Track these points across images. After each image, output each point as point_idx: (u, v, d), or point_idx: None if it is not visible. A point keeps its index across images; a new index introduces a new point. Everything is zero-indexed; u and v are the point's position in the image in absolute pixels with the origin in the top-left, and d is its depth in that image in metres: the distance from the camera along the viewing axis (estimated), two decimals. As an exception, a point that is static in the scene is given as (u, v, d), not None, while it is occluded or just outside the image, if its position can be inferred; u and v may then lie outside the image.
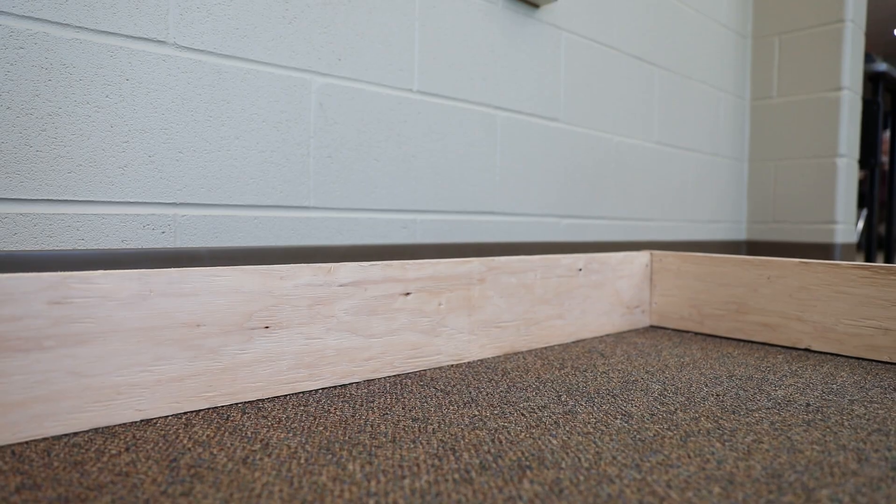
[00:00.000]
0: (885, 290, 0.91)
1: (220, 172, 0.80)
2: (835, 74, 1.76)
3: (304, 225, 0.89)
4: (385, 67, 0.98)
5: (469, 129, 1.10)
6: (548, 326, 0.96)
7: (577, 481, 0.46)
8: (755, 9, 1.93)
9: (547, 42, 1.25)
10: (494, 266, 0.88)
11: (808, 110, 1.81)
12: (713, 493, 0.45)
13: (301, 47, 0.88)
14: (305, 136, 0.89)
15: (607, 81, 1.41)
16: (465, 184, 1.10)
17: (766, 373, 0.82)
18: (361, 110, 0.95)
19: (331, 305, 0.71)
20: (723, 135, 1.83)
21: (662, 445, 0.54)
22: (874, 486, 0.47)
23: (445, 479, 0.46)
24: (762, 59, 1.91)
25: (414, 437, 0.55)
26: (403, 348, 0.78)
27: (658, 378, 0.78)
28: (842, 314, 0.95)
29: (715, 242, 1.82)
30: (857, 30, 1.81)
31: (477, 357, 0.87)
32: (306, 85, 0.88)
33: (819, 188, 1.79)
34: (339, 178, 0.93)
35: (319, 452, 0.51)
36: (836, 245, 1.77)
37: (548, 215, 1.27)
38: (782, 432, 0.58)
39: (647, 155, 1.54)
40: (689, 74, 1.68)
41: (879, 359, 0.91)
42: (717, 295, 1.08)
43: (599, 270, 1.06)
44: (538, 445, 0.54)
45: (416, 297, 0.79)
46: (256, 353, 0.65)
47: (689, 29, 1.67)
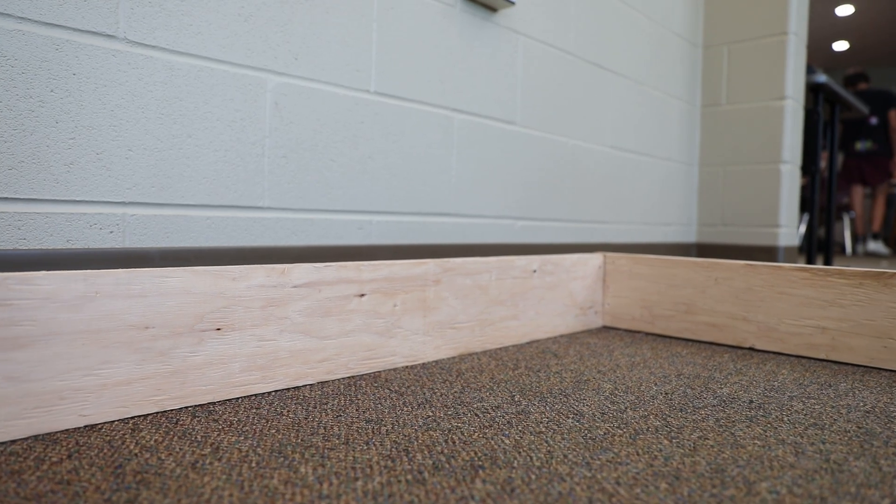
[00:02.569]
0: (823, 291, 0.95)
1: (171, 171, 0.79)
2: (779, 84, 1.83)
3: (258, 225, 0.88)
4: (342, 68, 0.97)
5: (426, 131, 1.11)
6: (502, 327, 0.97)
7: (528, 480, 0.47)
8: (706, 19, 1.99)
9: (504, 46, 1.26)
10: (450, 267, 0.89)
11: (755, 118, 1.87)
12: (660, 489, 0.46)
13: (257, 45, 0.86)
14: (260, 135, 0.88)
15: (564, 86, 1.43)
16: (421, 185, 1.10)
17: (712, 371, 0.85)
18: (318, 110, 0.94)
19: (284, 307, 0.71)
20: (675, 140, 1.88)
21: (612, 443, 0.55)
22: (809, 477, 0.49)
23: (398, 480, 0.46)
24: (712, 67, 1.97)
25: (367, 438, 0.55)
26: (358, 350, 0.78)
27: (609, 378, 0.80)
28: (784, 314, 0.98)
29: (666, 245, 1.87)
30: (800, 42, 1.89)
31: (432, 358, 0.87)
32: (262, 84, 0.87)
33: (764, 193, 1.86)
34: (295, 178, 0.92)
35: (271, 455, 0.51)
36: (780, 248, 1.84)
37: (504, 217, 1.28)
38: (726, 428, 0.60)
39: (602, 159, 1.57)
40: (642, 81, 1.72)
41: (817, 356, 0.95)
42: (668, 296, 1.11)
43: (554, 272, 1.07)
44: (491, 445, 0.54)
45: (371, 299, 0.79)
46: (207, 355, 0.64)
47: (643, 37, 1.71)
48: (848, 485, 0.48)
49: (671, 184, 1.88)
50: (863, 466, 0.51)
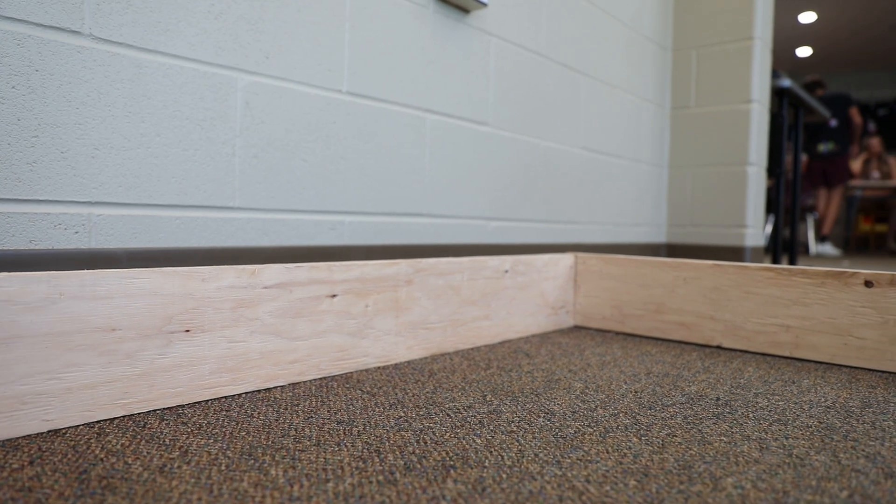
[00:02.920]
0: (787, 290, 0.97)
1: (139, 170, 0.77)
2: (745, 88, 1.86)
3: (228, 226, 0.87)
4: (314, 67, 0.97)
5: (398, 131, 1.11)
6: (475, 327, 0.98)
7: (499, 479, 0.47)
8: (675, 23, 2.02)
9: (477, 47, 1.27)
10: (422, 268, 0.89)
11: (722, 121, 1.91)
12: (629, 486, 0.47)
13: (227, 44, 0.85)
14: (231, 134, 0.87)
15: (536, 87, 1.44)
16: (394, 186, 1.10)
17: (681, 370, 0.86)
18: (289, 110, 0.93)
19: (255, 308, 0.70)
20: (645, 142, 1.91)
21: (583, 442, 0.56)
22: (773, 472, 0.50)
23: (369, 481, 0.46)
24: (681, 70, 2.01)
25: (339, 439, 0.55)
26: (329, 351, 0.78)
27: (580, 377, 0.81)
28: (750, 313, 1.01)
29: (637, 245, 1.89)
30: (765, 47, 1.93)
31: (404, 358, 0.87)
32: (232, 83, 0.86)
33: (731, 194, 1.89)
34: (266, 178, 0.91)
35: (241, 458, 0.50)
36: (747, 248, 1.88)
37: (476, 218, 1.28)
38: (694, 426, 0.62)
39: (574, 160, 1.59)
40: (613, 83, 1.74)
41: (782, 354, 0.98)
42: (638, 296, 1.13)
43: (525, 272, 1.08)
44: (462, 445, 0.55)
45: (343, 299, 0.79)
46: (176, 357, 0.63)
47: (614, 39, 1.73)
48: (809, 478, 0.49)
49: (642, 185, 1.91)
50: (823, 460, 0.53)
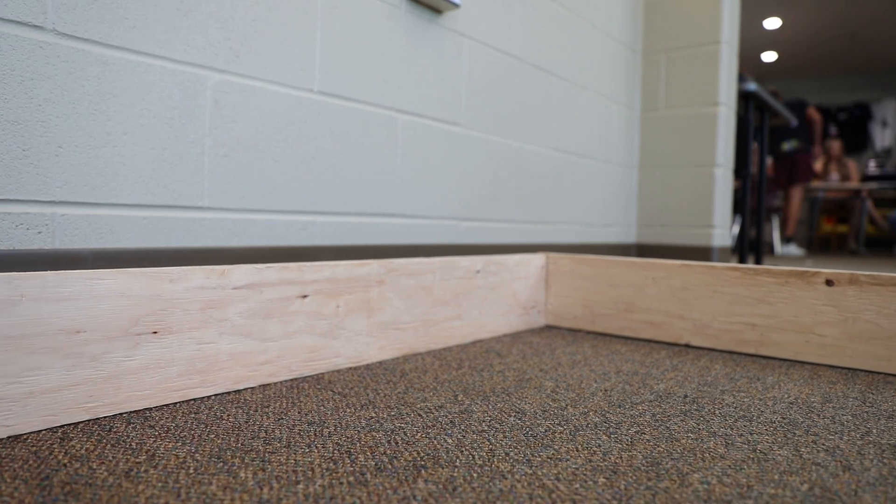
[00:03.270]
0: (752, 289, 0.99)
1: (105, 169, 0.76)
2: (713, 91, 1.90)
3: (197, 226, 0.86)
4: (285, 66, 0.96)
5: (370, 131, 1.10)
6: (446, 327, 0.98)
7: (470, 479, 0.48)
8: (645, 26, 2.05)
9: (449, 48, 1.27)
10: (394, 268, 0.89)
11: (690, 123, 1.94)
12: (598, 483, 0.47)
13: (197, 42, 0.84)
14: (200, 133, 0.85)
15: (508, 88, 1.45)
16: (365, 186, 1.10)
17: (650, 368, 0.87)
18: (260, 109, 0.93)
19: (224, 309, 0.69)
20: (615, 143, 1.93)
21: (553, 440, 0.57)
22: (737, 467, 0.51)
23: (340, 483, 0.46)
24: (651, 73, 2.03)
25: (309, 441, 0.55)
26: (300, 352, 0.77)
27: (551, 376, 0.81)
28: (717, 312, 1.02)
29: (607, 245, 1.92)
30: (732, 52, 1.97)
31: (376, 359, 0.87)
32: (202, 81, 0.85)
33: (699, 195, 1.93)
34: (236, 177, 0.90)
35: (210, 461, 0.50)
36: (714, 248, 1.91)
37: (448, 218, 1.29)
38: (662, 423, 0.63)
39: (546, 161, 1.60)
40: (585, 85, 1.75)
41: (747, 351, 1.00)
42: (608, 295, 1.14)
43: (497, 272, 1.08)
44: (434, 445, 0.55)
45: (314, 300, 0.78)
46: (144, 359, 0.62)
47: (585, 42, 1.75)
48: (772, 473, 0.50)
49: (612, 186, 1.93)
50: (786, 455, 0.54)
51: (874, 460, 0.53)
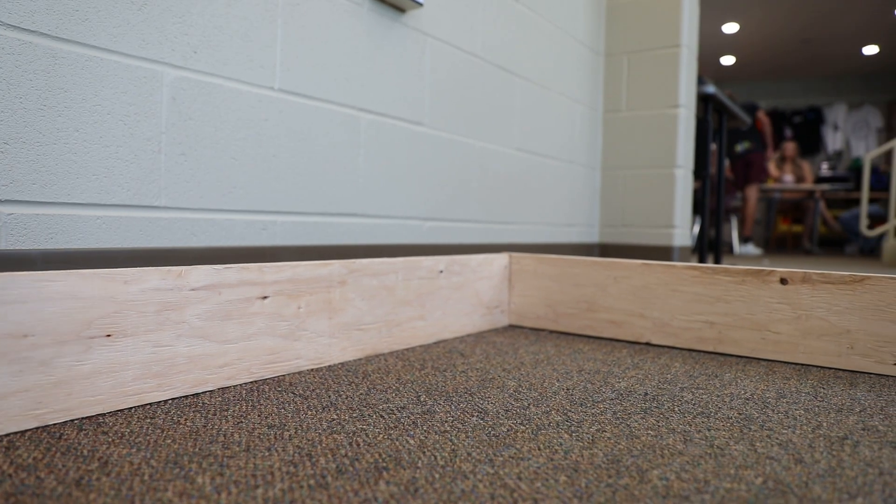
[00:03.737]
0: (711, 288, 1.01)
1: (56, 167, 0.73)
2: (673, 93, 1.93)
3: (154, 226, 0.84)
4: (245, 63, 0.94)
5: (332, 130, 1.09)
6: (409, 328, 0.98)
7: (432, 479, 0.47)
8: (607, 28, 2.07)
9: (412, 47, 1.26)
10: (356, 268, 0.88)
11: (652, 124, 1.98)
12: (559, 482, 0.47)
13: (153, 37, 0.82)
14: (157, 131, 0.83)
15: (471, 88, 1.45)
16: (328, 185, 1.09)
17: (611, 366, 0.88)
18: (219, 107, 0.91)
19: (182, 311, 0.68)
20: (578, 144, 1.95)
21: (515, 440, 0.57)
22: (695, 463, 0.52)
23: (300, 486, 0.46)
24: (613, 75, 2.06)
25: (269, 444, 0.54)
26: (261, 353, 0.76)
27: (514, 375, 0.82)
28: (677, 310, 1.04)
29: (570, 245, 1.94)
30: (691, 55, 2.01)
31: (338, 360, 0.86)
32: (158, 77, 0.83)
33: (660, 196, 1.96)
34: (194, 176, 0.88)
35: (166, 467, 0.48)
36: (675, 248, 1.95)
37: (412, 218, 1.28)
38: (623, 420, 0.63)
39: (509, 161, 1.61)
40: (548, 86, 1.77)
41: (706, 349, 1.02)
42: (571, 294, 1.15)
43: (460, 272, 1.09)
44: (396, 446, 0.54)
45: (274, 301, 0.77)
46: (96, 363, 0.60)
47: (549, 43, 1.76)
48: (728, 467, 0.51)
49: (575, 186, 1.95)
50: (741, 449, 0.55)
51: (824, 453, 0.55)
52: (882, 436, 0.60)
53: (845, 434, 0.61)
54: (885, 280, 0.88)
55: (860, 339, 0.90)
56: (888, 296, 0.88)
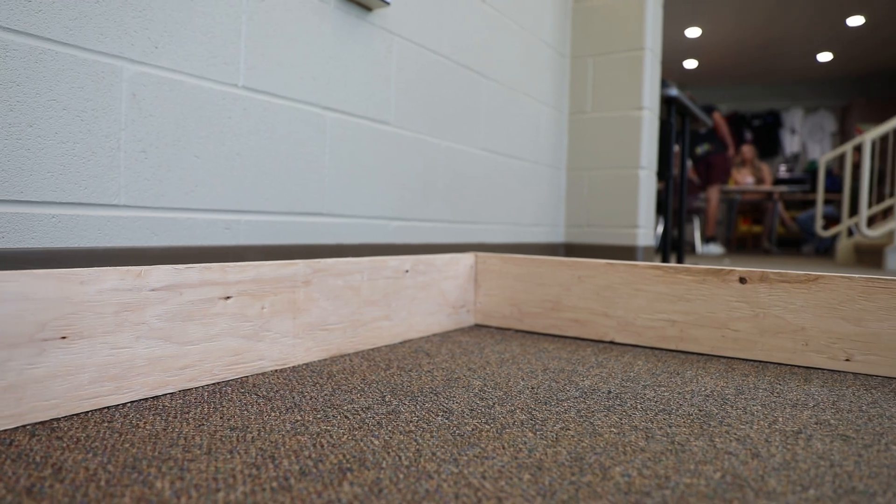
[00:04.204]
0: (673, 287, 1.03)
1: (7, 164, 0.71)
2: (637, 95, 1.96)
3: (112, 225, 0.82)
4: (208, 60, 0.92)
5: (298, 129, 1.08)
6: (375, 328, 0.97)
7: (396, 480, 0.47)
8: (573, 31, 2.09)
9: (379, 46, 1.26)
10: (320, 268, 0.87)
11: (616, 126, 2.00)
12: (523, 480, 0.48)
13: (111, 30, 0.80)
14: (116, 128, 0.81)
15: (438, 88, 1.45)
16: (293, 184, 1.07)
17: (575, 365, 0.89)
18: (181, 103, 0.89)
19: (141, 311, 0.66)
20: (544, 144, 1.97)
21: (480, 439, 0.57)
22: (657, 459, 0.53)
23: (263, 489, 0.45)
24: (578, 77, 2.09)
25: (231, 447, 0.53)
26: (223, 355, 0.75)
27: (479, 374, 0.82)
28: (640, 309, 1.06)
29: (536, 245, 1.95)
30: (655, 58, 2.04)
31: (302, 361, 0.85)
32: (117, 72, 0.81)
33: (625, 196, 1.99)
34: (155, 175, 0.86)
35: (123, 472, 0.47)
36: (639, 247, 1.98)
37: (378, 217, 1.28)
38: (586, 418, 0.64)
39: (475, 161, 1.61)
40: (514, 87, 1.78)
41: (668, 347, 1.04)
42: (536, 294, 1.16)
43: (426, 272, 1.08)
44: (360, 447, 0.54)
45: (238, 301, 0.76)
46: (50, 366, 0.59)
47: (515, 44, 1.77)
48: (688, 463, 0.52)
49: (541, 187, 1.96)
50: (701, 445, 0.56)
51: (779, 447, 0.56)
52: (833, 429, 0.62)
53: (799, 428, 0.62)
54: (838, 279, 0.91)
55: (814, 337, 0.93)
56: (840, 294, 0.91)
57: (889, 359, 0.88)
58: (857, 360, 0.90)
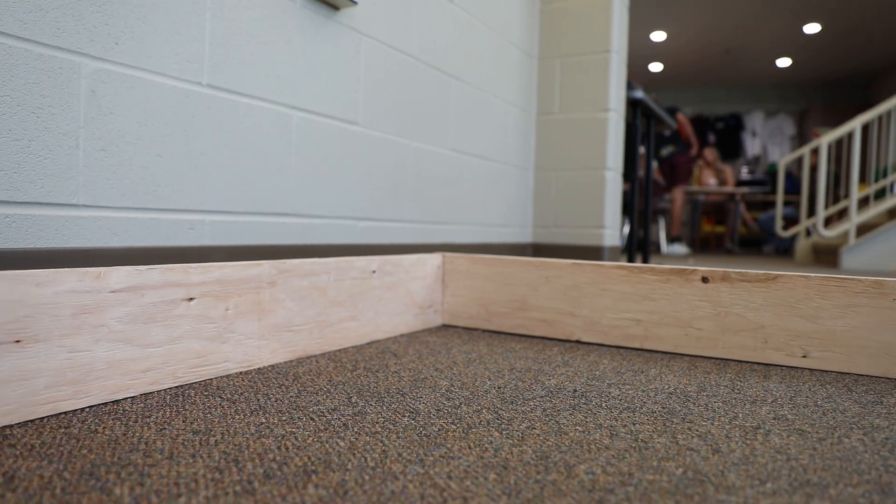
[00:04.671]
0: (638, 287, 1.05)
1: (-42, 162, 0.69)
2: (604, 97, 1.99)
3: (71, 225, 0.80)
4: (171, 57, 0.91)
5: (264, 128, 1.07)
6: (341, 329, 0.97)
7: (362, 482, 0.47)
8: (541, 32, 2.11)
9: (347, 45, 1.25)
10: (286, 269, 0.86)
11: (583, 127, 2.03)
12: (489, 480, 0.48)
13: (69, 25, 0.78)
14: (74, 125, 0.79)
15: (406, 88, 1.45)
16: (258, 184, 1.06)
17: (542, 364, 0.90)
18: (143, 101, 0.87)
19: (101, 314, 0.65)
20: (512, 145, 1.98)
21: (446, 439, 0.57)
22: (620, 456, 0.54)
23: (226, 493, 0.44)
24: (546, 78, 2.10)
25: (194, 451, 0.52)
26: (187, 357, 0.73)
27: (446, 375, 0.82)
28: (605, 309, 1.07)
29: (504, 245, 1.96)
30: (621, 61, 2.07)
31: (268, 363, 0.84)
32: (75, 68, 0.79)
33: (591, 197, 2.01)
34: (116, 174, 0.84)
35: (80, 479, 0.46)
36: (605, 248, 2.00)
37: (345, 218, 1.27)
38: (552, 417, 0.65)
39: (443, 161, 1.62)
40: (482, 87, 1.79)
41: (633, 346, 1.05)
42: (503, 294, 1.17)
43: (393, 272, 1.08)
44: (325, 449, 0.54)
45: (201, 303, 0.75)
46: (3, 371, 0.57)
47: (483, 45, 1.78)
48: (651, 459, 0.53)
49: (509, 187, 1.98)
50: (664, 442, 0.57)
51: (739, 442, 0.58)
52: (790, 424, 0.64)
53: (758, 424, 0.64)
54: (796, 278, 0.94)
55: (773, 334, 0.95)
56: (798, 293, 0.94)
57: (843, 355, 0.91)
58: (814, 357, 0.93)
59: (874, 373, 0.89)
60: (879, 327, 0.89)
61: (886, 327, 0.89)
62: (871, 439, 0.60)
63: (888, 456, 0.56)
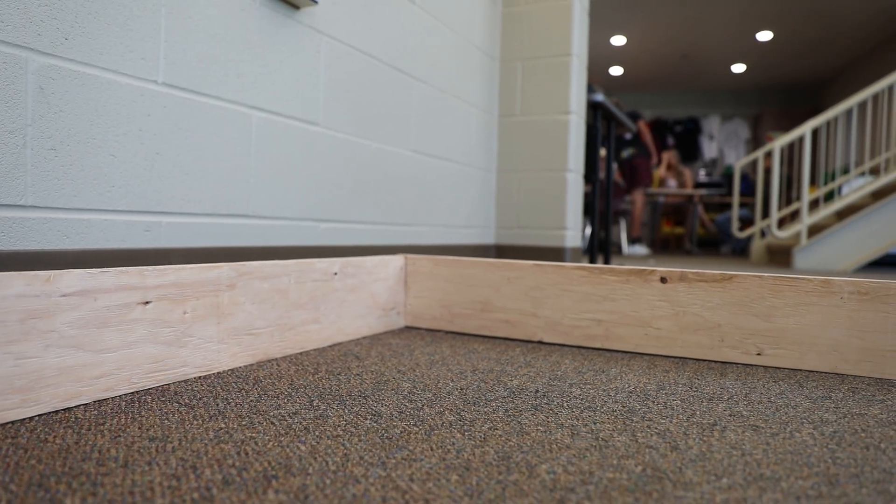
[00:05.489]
0: (598, 287, 1.06)
1: None
2: (565, 100, 2.01)
3: (18, 226, 0.77)
4: (125, 54, 0.88)
5: (222, 128, 1.05)
6: (303, 331, 0.96)
7: (323, 486, 0.47)
8: (503, 35, 2.13)
9: (307, 45, 1.24)
10: (246, 271, 0.85)
11: (545, 129, 2.05)
12: (451, 481, 0.48)
13: (14, 18, 0.75)
14: (21, 123, 0.77)
15: (367, 89, 1.44)
16: (216, 185, 1.04)
17: (504, 365, 0.91)
18: (95, 99, 0.85)
19: (50, 319, 0.63)
20: (475, 147, 1.99)
21: (408, 441, 0.57)
22: (581, 455, 0.54)
23: (183, 501, 0.43)
24: (508, 80, 2.12)
25: (150, 458, 0.51)
26: (143, 362, 0.71)
27: (409, 377, 0.82)
28: (567, 309, 1.08)
29: (468, 246, 1.97)
30: (582, 64, 2.10)
31: (227, 367, 0.83)
32: (21, 64, 0.76)
33: (553, 198, 2.04)
34: (67, 174, 0.82)
35: (28, 490, 0.44)
36: (567, 249, 2.03)
37: (306, 219, 1.26)
38: (514, 418, 0.65)
39: (406, 162, 1.61)
40: (444, 89, 1.79)
41: (594, 346, 1.06)
42: (466, 295, 1.17)
43: (355, 274, 1.07)
44: (286, 453, 0.53)
45: (157, 306, 0.73)
46: (-54, 379, 0.55)
47: (445, 47, 1.78)
48: (611, 458, 0.54)
49: (472, 188, 1.98)
50: (624, 440, 0.58)
51: (696, 439, 0.59)
52: (745, 420, 0.66)
53: (715, 420, 0.65)
54: (751, 278, 0.96)
55: (729, 333, 0.98)
56: (752, 292, 0.96)
57: (795, 352, 0.94)
58: (767, 354, 0.95)
59: (823, 369, 0.92)
60: (828, 325, 0.92)
61: (834, 325, 0.92)
62: (821, 433, 0.62)
63: (836, 449, 0.57)
